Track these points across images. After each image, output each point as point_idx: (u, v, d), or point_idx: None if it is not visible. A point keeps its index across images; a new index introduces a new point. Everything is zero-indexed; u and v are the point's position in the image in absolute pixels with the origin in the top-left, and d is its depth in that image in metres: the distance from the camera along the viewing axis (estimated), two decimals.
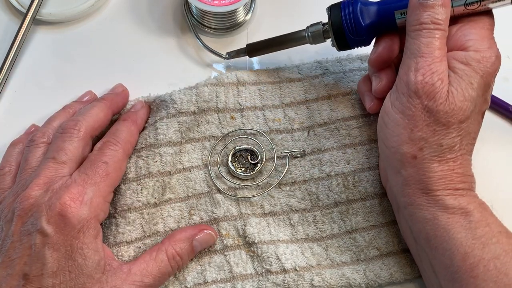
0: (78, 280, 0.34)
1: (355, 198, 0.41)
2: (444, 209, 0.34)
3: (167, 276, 0.38)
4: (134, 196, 0.41)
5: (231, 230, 0.40)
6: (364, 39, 0.40)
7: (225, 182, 0.42)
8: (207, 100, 0.43)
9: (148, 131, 0.43)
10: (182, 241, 0.38)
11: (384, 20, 0.39)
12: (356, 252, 0.40)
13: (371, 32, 0.39)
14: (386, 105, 0.37)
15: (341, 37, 0.40)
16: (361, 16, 0.39)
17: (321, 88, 0.45)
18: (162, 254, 0.37)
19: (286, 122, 0.44)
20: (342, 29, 0.40)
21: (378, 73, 0.40)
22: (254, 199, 0.42)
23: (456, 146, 0.35)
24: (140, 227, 0.40)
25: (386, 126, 0.37)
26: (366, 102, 0.42)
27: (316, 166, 0.42)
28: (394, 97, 0.36)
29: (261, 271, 0.39)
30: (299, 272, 0.39)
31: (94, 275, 0.34)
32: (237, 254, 0.40)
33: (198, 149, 0.43)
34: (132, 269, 0.36)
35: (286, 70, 0.46)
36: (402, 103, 0.35)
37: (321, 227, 0.41)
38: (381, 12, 0.39)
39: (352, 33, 0.39)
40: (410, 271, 0.40)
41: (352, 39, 0.40)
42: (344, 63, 0.46)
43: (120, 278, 0.35)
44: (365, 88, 0.42)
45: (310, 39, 0.42)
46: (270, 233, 0.40)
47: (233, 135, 0.43)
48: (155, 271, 0.37)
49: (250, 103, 0.44)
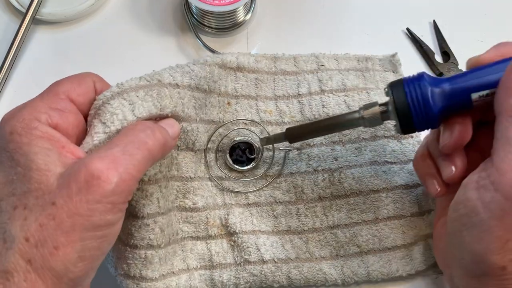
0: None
1: (339, 194, 0.41)
2: None
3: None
4: (157, 166, 0.37)
5: (217, 219, 0.41)
6: (434, 123, 0.34)
7: (218, 172, 0.42)
8: (215, 80, 0.42)
9: (175, 97, 0.37)
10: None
11: (459, 102, 0.33)
12: (336, 248, 0.41)
13: (443, 116, 0.34)
14: (472, 202, 0.31)
15: (407, 122, 0.34)
16: (432, 99, 0.33)
17: (314, 83, 0.44)
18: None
19: (277, 115, 0.44)
20: (409, 114, 0.33)
21: (450, 158, 0.35)
22: (239, 189, 0.42)
23: None
24: (156, 202, 0.37)
25: (472, 227, 0.31)
26: (431, 186, 0.37)
27: (304, 160, 0.42)
28: (489, 197, 0.30)
29: (239, 260, 0.39)
30: (277, 264, 0.39)
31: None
32: (219, 244, 0.40)
33: (205, 132, 0.41)
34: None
35: (283, 60, 0.46)
36: (502, 209, 0.29)
37: (304, 220, 0.41)
38: (454, 95, 0.33)
39: (421, 118, 0.33)
40: (387, 272, 0.40)
41: (421, 123, 0.34)
42: (341, 61, 0.46)
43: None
44: (427, 170, 0.37)
45: (366, 123, 0.36)
46: (252, 223, 0.41)
47: (231, 125, 0.43)
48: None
49: (246, 92, 0.44)
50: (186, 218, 0.40)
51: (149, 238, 0.36)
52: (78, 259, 0.28)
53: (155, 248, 0.36)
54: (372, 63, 0.46)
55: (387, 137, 0.42)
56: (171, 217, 0.39)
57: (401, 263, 0.40)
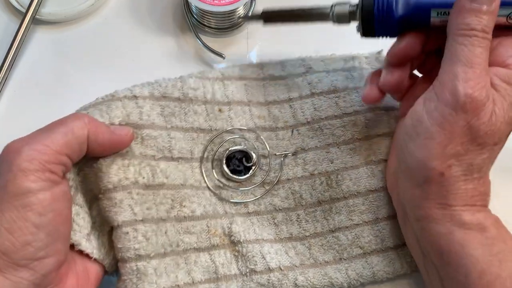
0: None
1: (338, 197, 0.41)
2: (461, 225, 0.33)
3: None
4: (122, 173, 0.37)
5: (218, 228, 0.40)
6: (392, 31, 0.38)
7: (215, 181, 0.41)
8: (194, 88, 0.42)
9: (130, 107, 0.39)
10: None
11: (418, 15, 0.36)
12: (339, 251, 0.40)
13: (401, 25, 0.37)
14: (419, 113, 0.34)
15: (369, 23, 0.38)
16: (395, 7, 0.36)
17: (304, 86, 0.44)
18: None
19: (271, 120, 0.43)
20: (372, 15, 0.37)
21: (392, 68, 0.38)
22: (237, 198, 0.41)
23: (484, 166, 0.33)
24: (129, 208, 0.37)
25: (417, 136, 0.34)
26: (365, 90, 0.39)
27: (300, 165, 0.42)
28: (432, 106, 0.33)
29: (245, 271, 0.39)
30: (284, 271, 0.39)
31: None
32: (222, 254, 0.39)
33: (187, 140, 0.41)
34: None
35: (270, 66, 0.45)
36: (443, 116, 0.32)
37: (305, 226, 0.41)
38: (416, 7, 0.36)
39: (381, 22, 0.37)
40: (392, 270, 0.40)
41: (380, 28, 0.38)
42: (328, 62, 0.46)
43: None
44: (372, 79, 0.40)
45: (334, 17, 0.40)
46: (254, 232, 0.40)
47: (225, 134, 0.42)
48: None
49: (237, 97, 0.43)
50: (186, 228, 0.39)
51: (134, 248, 0.36)
52: (5, 231, 0.30)
53: (145, 259, 0.36)
54: (359, 61, 0.46)
55: (379, 135, 0.42)
56: (164, 228, 0.38)
57: (405, 260, 0.40)
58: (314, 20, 0.41)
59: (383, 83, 0.38)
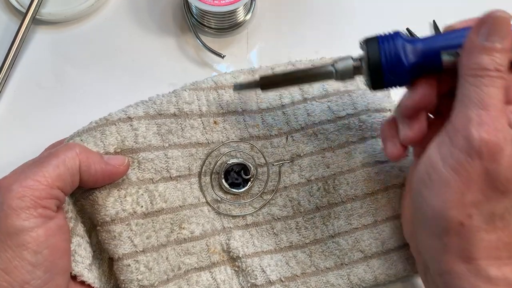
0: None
1: (336, 202, 0.41)
2: (487, 280, 0.30)
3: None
4: (119, 205, 0.36)
5: (217, 245, 0.40)
6: (403, 80, 0.35)
7: (213, 195, 0.41)
8: (189, 102, 0.41)
9: (124, 131, 0.38)
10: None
11: (429, 61, 0.33)
12: (340, 256, 0.40)
13: (412, 73, 0.34)
14: (433, 159, 0.32)
15: (377, 76, 0.34)
16: (404, 55, 0.33)
17: (295, 92, 0.44)
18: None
19: (265, 128, 0.43)
20: (380, 67, 0.34)
21: (409, 121, 0.35)
22: (236, 211, 0.41)
23: (506, 214, 0.31)
24: (129, 241, 0.36)
25: (431, 183, 0.32)
26: (388, 147, 0.37)
27: (296, 171, 0.42)
28: (447, 152, 0.31)
29: (246, 286, 0.39)
30: (285, 282, 0.39)
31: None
32: (223, 271, 0.39)
33: (185, 157, 0.40)
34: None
35: (261, 71, 0.45)
36: (458, 162, 0.30)
37: (304, 233, 0.41)
38: (426, 52, 0.33)
39: (391, 73, 0.34)
40: (394, 273, 0.40)
41: (391, 79, 0.34)
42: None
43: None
44: (390, 133, 0.37)
45: (337, 75, 0.37)
46: (254, 245, 0.40)
47: (222, 147, 0.42)
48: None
49: (231, 107, 0.43)
50: (186, 249, 0.39)
51: (137, 279, 0.36)
52: (2, 272, 0.29)
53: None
54: None
55: (374, 137, 0.42)
56: (165, 254, 0.38)
57: (407, 262, 0.40)
58: (317, 80, 0.39)
59: (405, 140, 0.36)
